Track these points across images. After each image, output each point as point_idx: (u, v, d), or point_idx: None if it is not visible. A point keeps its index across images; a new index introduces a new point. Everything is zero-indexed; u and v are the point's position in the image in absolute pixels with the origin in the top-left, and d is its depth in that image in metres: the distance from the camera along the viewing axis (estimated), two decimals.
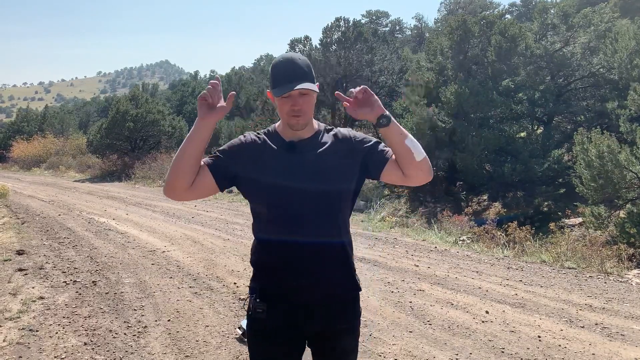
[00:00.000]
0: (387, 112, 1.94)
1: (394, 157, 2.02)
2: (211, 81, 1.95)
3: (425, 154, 2.01)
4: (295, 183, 1.94)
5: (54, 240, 8.47)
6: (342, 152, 2.02)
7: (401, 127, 1.99)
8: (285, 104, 1.94)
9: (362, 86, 1.95)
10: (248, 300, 2.09)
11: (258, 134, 2.09)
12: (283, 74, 1.94)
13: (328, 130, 2.10)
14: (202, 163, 1.99)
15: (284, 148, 2.00)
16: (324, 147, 2.02)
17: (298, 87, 1.90)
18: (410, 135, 1.99)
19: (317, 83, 2.02)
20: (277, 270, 2.00)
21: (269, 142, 2.04)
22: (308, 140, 2.02)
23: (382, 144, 2.08)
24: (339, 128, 2.12)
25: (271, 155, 2.00)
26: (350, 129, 2.14)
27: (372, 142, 2.07)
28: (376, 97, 1.94)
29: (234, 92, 1.97)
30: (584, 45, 17.50)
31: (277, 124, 2.11)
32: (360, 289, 2.15)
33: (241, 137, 2.08)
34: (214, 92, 1.94)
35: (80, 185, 20.36)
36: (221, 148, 2.06)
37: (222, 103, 1.95)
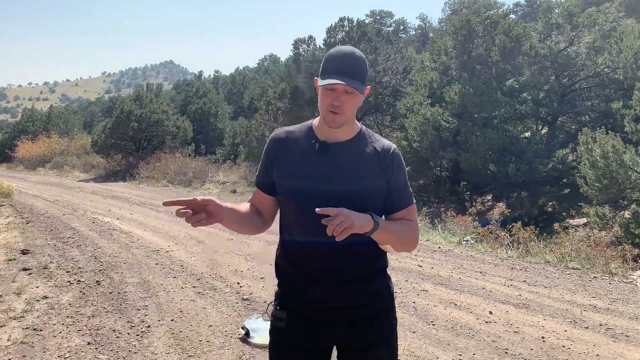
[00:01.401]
0: (371, 227, 1.78)
1: (399, 214, 1.95)
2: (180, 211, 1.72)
3: (407, 246, 1.97)
4: (323, 185, 1.86)
5: (58, 239, 8.49)
6: (376, 165, 1.91)
7: (388, 232, 1.85)
8: (328, 96, 1.84)
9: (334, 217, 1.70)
10: (270, 305, 2.05)
11: (289, 131, 2.01)
12: (335, 65, 1.83)
13: (370, 137, 1.98)
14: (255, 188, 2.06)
15: (315, 148, 1.91)
16: (358, 154, 1.91)
17: (345, 82, 1.77)
18: (390, 244, 1.91)
19: (369, 87, 1.91)
20: (300, 275, 1.93)
21: (301, 139, 1.96)
22: (344, 143, 1.92)
23: (408, 192, 1.97)
24: (384, 141, 1.99)
25: (301, 155, 1.92)
26: (395, 147, 1.99)
27: (401, 182, 1.95)
28: (349, 220, 1.70)
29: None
30: (588, 45, 17.46)
31: (315, 120, 2.02)
32: (394, 299, 2.04)
33: (269, 140, 2.02)
34: (194, 214, 1.74)
35: (85, 185, 20.43)
36: (261, 162, 2.04)
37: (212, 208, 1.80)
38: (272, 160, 1.97)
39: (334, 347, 2.02)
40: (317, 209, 1.71)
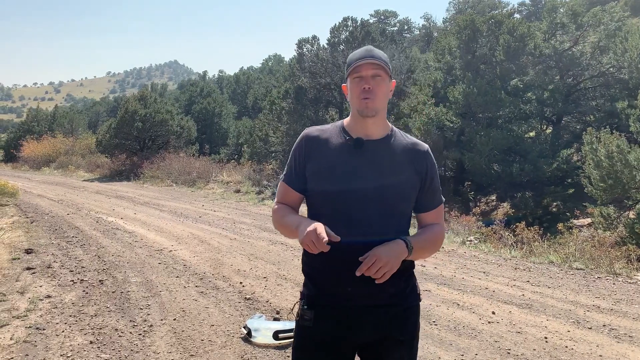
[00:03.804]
0: (406, 254, 1.86)
1: (430, 213, 2.03)
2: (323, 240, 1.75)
3: (435, 252, 2.07)
4: (358, 183, 1.87)
5: (62, 239, 8.52)
6: (410, 164, 1.94)
7: (421, 250, 1.94)
8: (357, 85, 1.89)
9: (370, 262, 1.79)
10: (297, 305, 2.04)
11: (322, 129, 2.02)
12: (358, 56, 1.90)
13: (403, 136, 2.01)
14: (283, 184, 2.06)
15: (349, 144, 1.93)
16: (392, 153, 1.94)
17: (370, 60, 1.86)
18: (423, 258, 2.00)
19: (394, 80, 1.98)
20: (330, 274, 1.91)
21: (334, 137, 1.97)
22: (378, 141, 1.94)
23: (439, 192, 2.05)
24: (416, 140, 2.03)
25: (334, 152, 1.93)
26: (428, 147, 2.04)
27: (435, 182, 2.01)
28: (389, 265, 1.79)
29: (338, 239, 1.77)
30: (593, 44, 17.39)
31: (345, 120, 2.04)
32: (419, 299, 2.05)
33: (301, 138, 2.03)
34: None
35: (89, 184, 20.48)
36: (289, 161, 2.05)
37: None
38: (305, 158, 1.98)
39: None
40: (360, 258, 1.78)
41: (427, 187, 1.98)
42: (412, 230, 2.00)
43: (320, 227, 1.76)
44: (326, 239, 1.73)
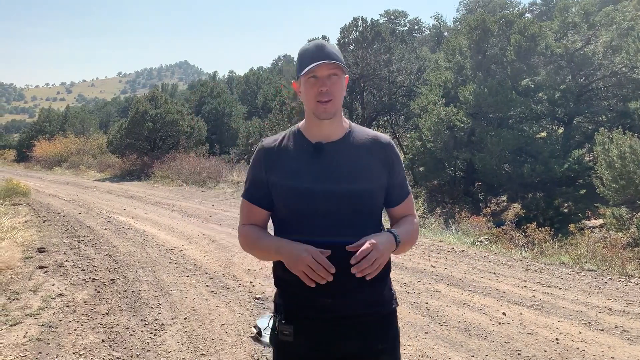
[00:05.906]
0: (394, 247, 1.81)
1: (400, 206, 1.98)
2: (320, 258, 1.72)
3: (413, 243, 1.98)
4: (323, 186, 1.79)
5: (73, 238, 8.59)
6: (377, 160, 1.87)
7: (404, 243, 1.87)
8: (312, 87, 1.78)
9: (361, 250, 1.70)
10: (273, 318, 1.97)
11: (277, 139, 1.93)
12: (311, 55, 1.79)
13: (362, 131, 1.93)
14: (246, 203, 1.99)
15: (309, 150, 1.84)
16: (356, 152, 1.86)
17: (326, 61, 1.75)
18: (404, 252, 1.92)
19: (347, 76, 1.89)
20: (306, 286, 1.78)
21: (291, 144, 1.88)
22: (339, 142, 1.86)
23: (406, 183, 1.99)
24: (377, 133, 1.96)
25: (296, 160, 1.84)
26: (389, 137, 1.97)
27: (402, 174, 1.95)
28: (374, 251, 1.70)
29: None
30: (605, 44, 17.23)
31: (300, 124, 1.94)
32: (397, 304, 1.98)
33: (258, 151, 1.94)
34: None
35: (101, 184, 20.63)
36: (248, 176, 1.97)
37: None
38: (266, 171, 1.89)
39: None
40: (347, 247, 1.70)
41: (394, 180, 1.91)
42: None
43: (316, 253, 1.69)
44: (332, 269, 1.68)
